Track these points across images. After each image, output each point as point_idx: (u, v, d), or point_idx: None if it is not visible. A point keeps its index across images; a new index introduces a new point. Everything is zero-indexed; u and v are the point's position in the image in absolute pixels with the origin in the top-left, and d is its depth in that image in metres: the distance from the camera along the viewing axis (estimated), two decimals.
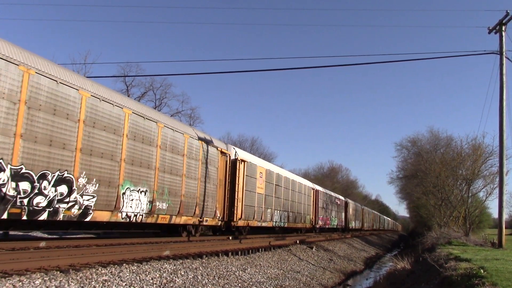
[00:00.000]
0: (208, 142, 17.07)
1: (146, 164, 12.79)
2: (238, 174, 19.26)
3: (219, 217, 17.63)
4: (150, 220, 12.98)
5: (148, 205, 12.76)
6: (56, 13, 75.00)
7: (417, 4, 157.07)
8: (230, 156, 19.22)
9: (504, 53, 17.65)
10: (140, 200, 12.39)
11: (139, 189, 12.39)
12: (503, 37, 17.77)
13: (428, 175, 35.73)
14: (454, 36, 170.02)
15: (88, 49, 64.73)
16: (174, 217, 14.23)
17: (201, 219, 16.00)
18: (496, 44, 18.01)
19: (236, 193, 18.98)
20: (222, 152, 18.33)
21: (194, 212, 15.54)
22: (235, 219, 18.69)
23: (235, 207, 18.75)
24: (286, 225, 26.51)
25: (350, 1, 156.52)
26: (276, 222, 24.50)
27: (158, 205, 13.28)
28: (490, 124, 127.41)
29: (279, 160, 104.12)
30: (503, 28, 17.79)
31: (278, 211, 25.07)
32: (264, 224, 22.62)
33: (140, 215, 12.40)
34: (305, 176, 65.82)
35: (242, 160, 19.92)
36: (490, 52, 17.93)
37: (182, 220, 14.81)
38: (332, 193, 43.09)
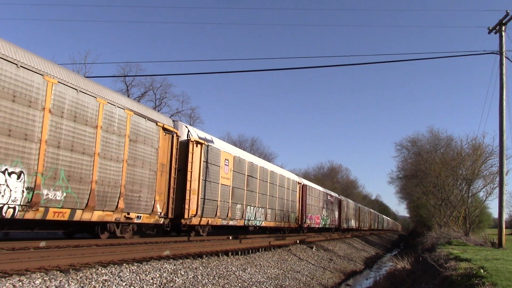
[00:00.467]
0: (142, 115, 12.94)
1: (20, 133, 8.92)
2: (192, 160, 15.23)
3: (160, 213, 13.59)
4: (30, 215, 9.16)
5: (26, 193, 8.96)
6: (56, 13, 75.03)
7: (417, 4, 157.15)
8: (178, 136, 14.93)
9: (504, 53, 17.66)
10: (8, 185, 8.60)
11: (6, 170, 8.58)
12: (503, 37, 17.78)
13: (428, 175, 35.75)
14: (454, 36, 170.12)
15: (88, 49, 64.72)
16: (79, 211, 10.42)
17: (129, 215, 12.24)
18: (496, 44, 18.04)
19: (189, 183, 14.97)
20: (165, 130, 14.02)
21: (117, 206, 11.66)
22: (187, 216, 14.84)
23: (187, 201, 14.84)
24: (263, 224, 22.89)
25: (350, 1, 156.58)
26: (249, 220, 20.83)
27: (47, 194, 9.49)
28: (490, 124, 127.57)
29: (279, 160, 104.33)
30: (503, 28, 17.80)
31: (252, 208, 21.13)
32: (232, 223, 18.78)
33: (10, 208, 8.61)
34: (305, 176, 65.82)
35: (198, 142, 15.85)
36: (490, 52, 17.95)
37: (94, 216, 10.97)
38: (323, 189, 39.18)
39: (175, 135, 14.62)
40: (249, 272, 12.14)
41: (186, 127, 15.90)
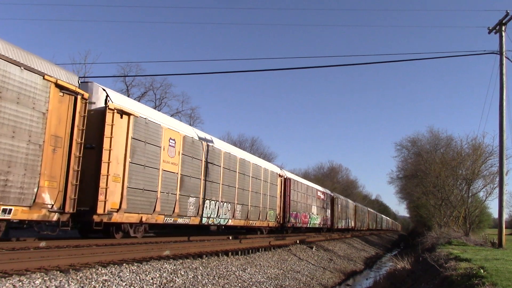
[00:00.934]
0: (15, 61, 9.01)
1: None
2: (112, 134, 11.49)
3: (51, 205, 9.70)
4: None
5: None
6: (56, 13, 75.02)
7: (417, 4, 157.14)
8: (87, 100, 10.92)
9: (504, 53, 17.65)
10: None
11: None
12: (503, 37, 17.78)
13: (428, 175, 35.76)
14: (454, 36, 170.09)
15: (88, 49, 64.67)
16: None
17: None
18: (496, 44, 18.04)
19: (105, 165, 11.32)
20: (62, 88, 10.09)
21: None
22: (102, 210, 11.13)
23: (103, 190, 11.22)
24: (230, 223, 19.05)
25: (350, 1, 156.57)
26: (209, 218, 17.10)
27: None
28: (490, 124, 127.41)
29: (279, 160, 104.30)
30: (503, 28, 17.79)
31: (214, 203, 17.47)
32: (181, 221, 15.11)
33: None
34: (305, 176, 65.76)
35: (123, 112, 12.04)
36: (490, 52, 17.94)
37: None
38: (313, 184, 35.51)
39: (80, 97, 10.58)
40: (249, 272, 12.14)
41: (104, 90, 11.97)
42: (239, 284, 10.65)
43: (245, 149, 54.86)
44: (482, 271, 8.67)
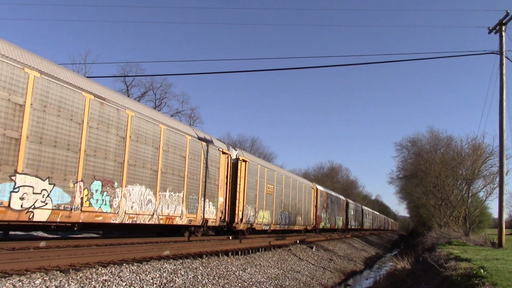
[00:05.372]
0: None
1: None
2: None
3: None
4: None
5: None
6: (56, 13, 75.00)
7: (417, 4, 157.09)
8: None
9: (504, 53, 17.65)
10: None
11: None
12: (503, 37, 17.77)
13: (428, 175, 35.73)
14: (454, 36, 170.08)
15: (88, 49, 64.67)
16: None
17: None
18: (496, 44, 18.03)
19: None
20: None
21: None
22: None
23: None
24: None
25: (350, 1, 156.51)
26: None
27: None
28: (490, 124, 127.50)
29: (279, 160, 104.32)
30: (503, 28, 17.78)
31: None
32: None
33: None
34: (305, 176, 65.69)
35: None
36: (490, 52, 17.94)
37: None
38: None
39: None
40: (249, 272, 12.13)
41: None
42: (239, 284, 10.65)
43: (245, 149, 54.83)
44: (482, 271, 8.67)
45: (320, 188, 36.65)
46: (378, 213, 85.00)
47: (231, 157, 19.31)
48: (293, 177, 29.39)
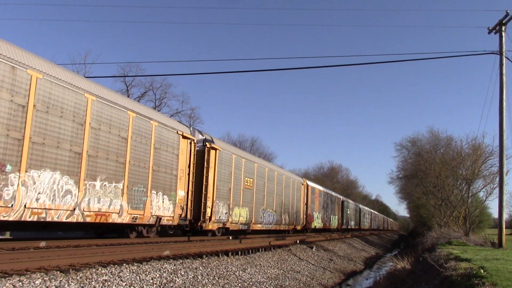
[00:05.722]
0: None
1: None
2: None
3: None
4: None
5: None
6: (56, 13, 74.99)
7: (417, 4, 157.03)
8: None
9: (504, 53, 17.65)
10: None
11: None
12: (503, 37, 17.78)
13: (428, 175, 35.73)
14: (454, 36, 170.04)
15: (88, 49, 64.60)
16: None
17: None
18: (496, 44, 18.04)
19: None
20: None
21: None
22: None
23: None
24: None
25: (350, 1, 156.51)
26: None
27: None
28: (490, 124, 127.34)
29: (279, 160, 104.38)
30: (503, 28, 17.79)
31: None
32: None
33: None
34: (305, 176, 65.65)
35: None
36: (490, 52, 17.95)
37: None
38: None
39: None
40: (249, 272, 12.14)
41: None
42: (239, 284, 10.65)
43: (245, 149, 54.85)
44: (482, 271, 8.67)
45: (311, 184, 33.96)
46: (377, 213, 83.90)
47: (194, 142, 16.29)
48: (278, 171, 26.24)
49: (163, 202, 14.11)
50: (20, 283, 6.27)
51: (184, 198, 15.45)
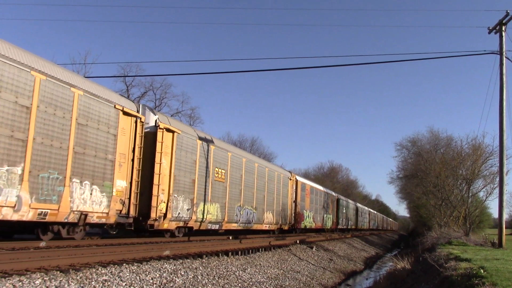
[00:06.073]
0: None
1: None
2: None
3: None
4: None
5: None
6: (56, 13, 74.96)
7: (417, 4, 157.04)
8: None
9: (504, 53, 17.65)
10: None
11: None
12: (503, 37, 17.77)
13: (428, 175, 35.74)
14: (454, 36, 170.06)
15: (88, 49, 64.73)
16: None
17: None
18: (496, 44, 18.03)
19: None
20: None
21: None
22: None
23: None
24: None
25: (350, 1, 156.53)
26: None
27: None
28: (490, 124, 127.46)
29: (279, 160, 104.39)
30: (503, 28, 17.79)
31: None
32: None
33: None
34: (305, 176, 65.63)
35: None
36: (490, 52, 17.94)
37: None
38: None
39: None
40: (249, 272, 12.14)
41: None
42: (239, 284, 10.65)
43: (245, 149, 54.80)
44: (482, 271, 8.67)
45: (301, 179, 31.07)
46: (375, 212, 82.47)
47: (142, 121, 13.20)
48: (259, 162, 23.27)
49: (91, 194, 11.11)
50: (20, 283, 6.27)
51: (126, 190, 12.40)
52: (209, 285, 9.62)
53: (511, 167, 27.13)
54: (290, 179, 28.08)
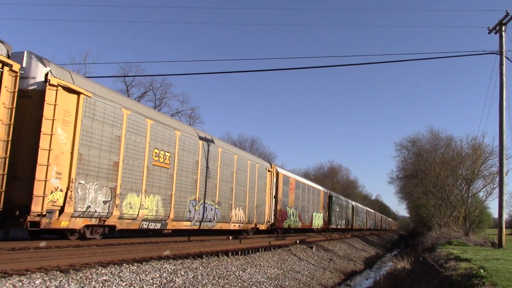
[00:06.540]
0: None
1: None
2: None
3: None
4: None
5: None
6: (56, 13, 74.97)
7: (417, 4, 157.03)
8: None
9: (504, 53, 17.65)
10: None
11: None
12: (503, 37, 17.77)
13: (428, 175, 35.78)
14: (454, 36, 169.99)
15: (88, 49, 64.68)
16: None
17: None
18: (496, 44, 18.04)
19: None
20: None
21: None
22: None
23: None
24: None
25: (350, 1, 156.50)
26: None
27: None
28: (490, 124, 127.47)
29: (279, 160, 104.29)
30: (503, 28, 17.78)
31: None
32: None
33: None
34: (305, 176, 65.64)
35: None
36: (490, 52, 17.93)
37: None
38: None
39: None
40: (249, 272, 12.14)
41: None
42: (239, 284, 10.65)
43: (245, 149, 54.84)
44: (482, 271, 8.67)
45: (283, 172, 26.48)
46: (373, 211, 79.40)
47: (13, 70, 8.71)
48: (224, 148, 18.78)
49: None
50: (20, 283, 6.27)
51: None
52: (209, 285, 9.62)
53: (511, 167, 27.18)
54: (269, 171, 23.48)
